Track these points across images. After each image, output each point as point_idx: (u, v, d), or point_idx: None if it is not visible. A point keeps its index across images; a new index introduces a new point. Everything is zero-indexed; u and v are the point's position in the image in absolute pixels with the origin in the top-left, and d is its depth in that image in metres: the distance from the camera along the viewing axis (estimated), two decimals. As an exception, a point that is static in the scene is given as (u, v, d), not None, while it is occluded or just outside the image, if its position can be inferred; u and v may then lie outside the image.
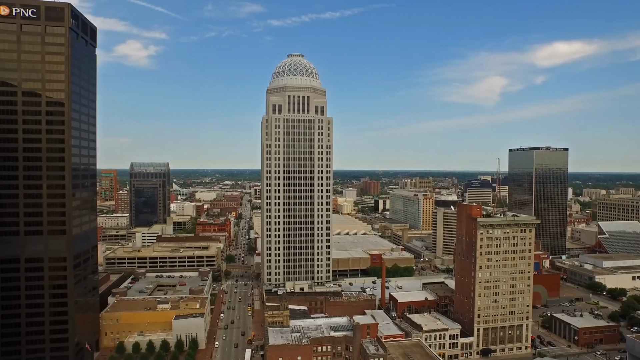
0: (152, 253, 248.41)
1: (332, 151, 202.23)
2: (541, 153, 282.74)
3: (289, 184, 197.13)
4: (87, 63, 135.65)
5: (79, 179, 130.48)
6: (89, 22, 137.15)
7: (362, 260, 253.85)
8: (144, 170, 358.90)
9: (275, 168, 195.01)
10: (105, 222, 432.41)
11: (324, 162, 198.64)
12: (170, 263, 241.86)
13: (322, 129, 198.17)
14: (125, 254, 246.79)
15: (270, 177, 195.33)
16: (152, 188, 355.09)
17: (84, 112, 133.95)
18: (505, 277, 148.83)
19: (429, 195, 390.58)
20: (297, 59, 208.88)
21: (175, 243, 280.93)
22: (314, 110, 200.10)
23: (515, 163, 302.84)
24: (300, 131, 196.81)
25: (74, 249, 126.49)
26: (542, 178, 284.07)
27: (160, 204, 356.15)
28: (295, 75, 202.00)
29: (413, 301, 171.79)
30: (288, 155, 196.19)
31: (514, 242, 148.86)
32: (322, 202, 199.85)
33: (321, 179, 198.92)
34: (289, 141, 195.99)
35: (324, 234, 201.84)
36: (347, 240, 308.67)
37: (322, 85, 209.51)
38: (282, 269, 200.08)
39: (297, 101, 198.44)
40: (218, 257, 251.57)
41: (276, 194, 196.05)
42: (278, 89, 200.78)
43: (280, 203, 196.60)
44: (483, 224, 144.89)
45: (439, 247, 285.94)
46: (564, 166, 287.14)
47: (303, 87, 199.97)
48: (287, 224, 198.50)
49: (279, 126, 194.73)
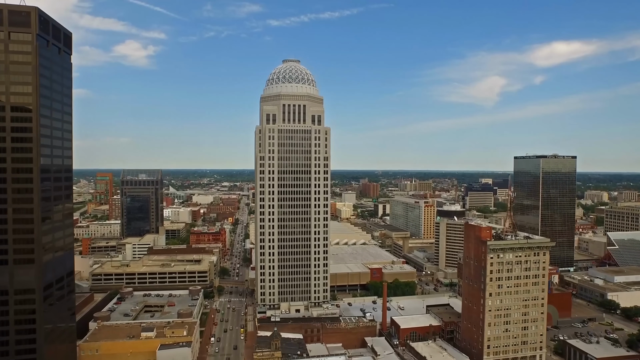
0: (142, 268, 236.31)
1: (330, 163, 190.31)
2: (548, 161, 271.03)
3: (284, 199, 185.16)
4: (60, 72, 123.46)
5: (51, 201, 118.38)
6: (62, 27, 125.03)
7: (361, 275, 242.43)
8: (136, 178, 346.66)
9: (269, 182, 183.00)
10: (97, 230, 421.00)
11: (321, 176, 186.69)
12: (160, 279, 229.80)
13: (319, 139, 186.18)
14: (113, 269, 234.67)
15: (264, 192, 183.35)
16: (144, 196, 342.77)
17: (56, 126, 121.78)
18: (517, 304, 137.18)
19: (430, 203, 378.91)
20: (293, 64, 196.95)
21: (167, 256, 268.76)
22: (311, 119, 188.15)
23: (521, 170, 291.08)
24: (295, 142, 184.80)
25: (45, 279, 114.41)
26: (549, 186, 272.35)
27: (152, 212, 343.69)
28: (291, 82, 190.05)
29: (416, 327, 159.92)
30: (283, 169, 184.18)
31: (527, 267, 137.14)
32: (319, 217, 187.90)
33: (318, 193, 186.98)
34: (283, 153, 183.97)
35: (321, 252, 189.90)
36: (345, 252, 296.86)
37: (319, 93, 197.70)
38: (277, 288, 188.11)
39: (293, 110, 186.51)
40: (211, 272, 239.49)
41: (270, 209, 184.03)
42: (272, 97, 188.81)
43: (274, 220, 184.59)
44: (494, 247, 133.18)
45: (442, 259, 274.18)
46: (571, 175, 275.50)
47: (299, 95, 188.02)
48: (281, 242, 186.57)
49: (273, 137, 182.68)
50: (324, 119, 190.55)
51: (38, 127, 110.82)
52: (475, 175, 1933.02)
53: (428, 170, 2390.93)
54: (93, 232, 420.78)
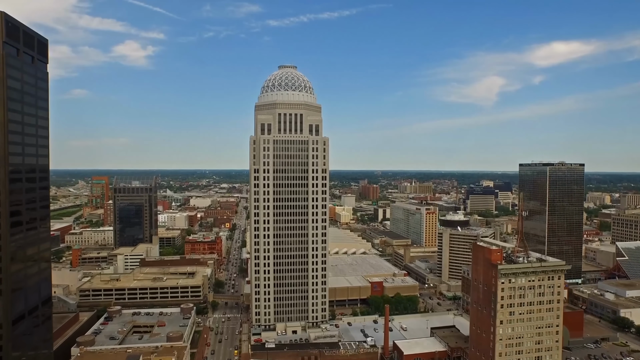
0: (132, 283, 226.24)
1: (328, 176, 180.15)
2: (555, 169, 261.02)
3: (280, 214, 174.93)
4: (33, 83, 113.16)
5: (22, 227, 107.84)
6: (36, 34, 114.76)
7: (361, 289, 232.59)
8: (129, 185, 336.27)
9: (264, 196, 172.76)
10: (90, 237, 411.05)
11: (319, 189, 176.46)
12: (152, 294, 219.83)
13: (316, 150, 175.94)
14: (102, 283, 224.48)
15: (259, 207, 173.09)
16: (137, 203, 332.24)
17: (29, 142, 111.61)
18: (530, 332, 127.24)
19: (431, 209, 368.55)
20: (289, 71, 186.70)
21: (159, 268, 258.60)
22: (308, 129, 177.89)
23: (526, 178, 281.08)
24: (292, 154, 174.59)
25: (14, 312, 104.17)
26: (555, 195, 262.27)
27: (146, 220, 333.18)
28: (287, 89, 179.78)
29: (421, 353, 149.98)
30: (278, 182, 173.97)
31: (540, 292, 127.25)
32: (316, 233, 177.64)
33: (316, 207, 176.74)
34: (279, 165, 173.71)
35: (319, 269, 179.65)
36: (345, 262, 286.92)
37: (317, 101, 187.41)
38: (273, 308, 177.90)
39: (289, 120, 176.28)
40: (204, 286, 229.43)
41: (265, 225, 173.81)
42: (267, 106, 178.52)
43: (269, 236, 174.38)
44: (505, 272, 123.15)
45: (445, 270, 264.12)
46: (579, 183, 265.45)
47: (295, 104, 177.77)
48: (277, 259, 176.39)
49: (267, 148, 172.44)
50: (322, 129, 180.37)
51: (6, 149, 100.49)
52: (475, 175, 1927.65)
53: (428, 171, 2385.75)
54: (86, 239, 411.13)
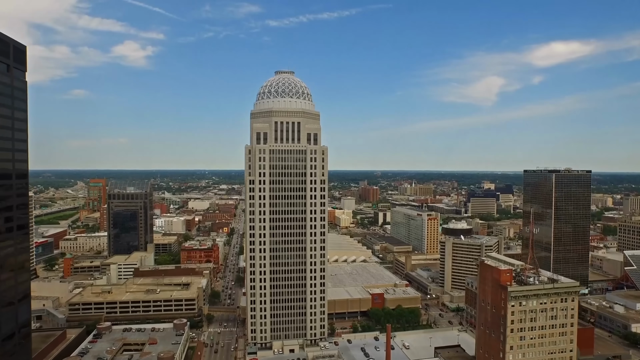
0: (124, 295, 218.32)
1: (327, 187, 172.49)
2: (561, 176, 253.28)
3: (276, 227, 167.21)
4: (8, 94, 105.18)
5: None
6: (12, 41, 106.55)
7: (362, 302, 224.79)
8: (124, 191, 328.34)
9: (260, 208, 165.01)
10: (85, 243, 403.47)
11: (317, 201, 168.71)
12: (144, 308, 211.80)
13: (315, 160, 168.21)
14: (93, 296, 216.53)
15: (254, 219, 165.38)
16: (132, 210, 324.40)
17: (5, 158, 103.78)
18: (542, 357, 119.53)
19: (433, 215, 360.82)
20: (286, 76, 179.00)
21: (153, 279, 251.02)
22: (306, 138, 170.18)
23: (531, 185, 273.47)
24: (289, 164, 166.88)
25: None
26: (561, 202, 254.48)
27: (141, 227, 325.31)
28: (284, 96, 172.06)
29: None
30: (275, 193, 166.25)
31: (553, 315, 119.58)
32: (315, 247, 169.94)
33: (314, 220, 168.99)
34: (275, 176, 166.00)
35: (318, 284, 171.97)
36: (344, 271, 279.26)
37: (315, 108, 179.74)
38: (269, 325, 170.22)
39: (286, 128, 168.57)
40: (199, 299, 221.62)
41: (261, 238, 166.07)
42: (263, 114, 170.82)
43: (265, 250, 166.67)
44: (516, 295, 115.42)
45: (448, 280, 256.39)
46: (586, 190, 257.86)
47: (293, 112, 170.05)
48: (274, 274, 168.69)
49: (263, 158, 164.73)
50: (320, 137, 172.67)
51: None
52: (475, 176, 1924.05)
53: (427, 171, 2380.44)
54: (81, 245, 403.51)
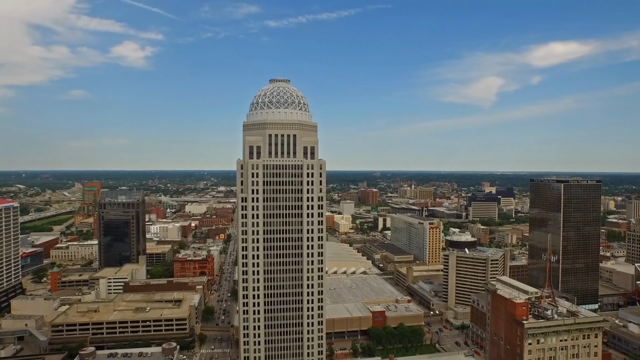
0: (112, 315, 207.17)
1: (324, 204, 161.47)
2: (570, 186, 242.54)
3: (271, 248, 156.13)
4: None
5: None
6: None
7: (362, 320, 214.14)
8: (115, 200, 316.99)
9: (253, 228, 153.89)
10: (76, 252, 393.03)
11: (314, 219, 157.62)
12: (133, 329, 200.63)
13: (311, 176, 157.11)
14: (78, 316, 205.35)
15: (247, 240, 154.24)
16: (124, 220, 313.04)
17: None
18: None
19: (435, 224, 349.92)
20: (282, 85, 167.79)
21: (144, 294, 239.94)
22: (302, 152, 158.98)
23: (538, 195, 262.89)
24: (284, 180, 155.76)
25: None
26: (570, 213, 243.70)
27: (133, 238, 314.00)
28: (279, 107, 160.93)
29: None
30: (269, 212, 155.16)
31: (574, 353, 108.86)
32: (312, 268, 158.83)
33: (311, 240, 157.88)
34: (270, 193, 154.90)
35: (316, 307, 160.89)
36: (344, 285, 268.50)
37: (312, 119, 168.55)
38: (264, 352, 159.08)
39: (281, 141, 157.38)
40: (191, 318, 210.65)
41: (254, 260, 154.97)
42: (256, 126, 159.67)
43: (259, 272, 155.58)
44: (533, 332, 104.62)
45: (451, 295, 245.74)
46: (596, 200, 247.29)
47: (288, 123, 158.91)
48: (268, 297, 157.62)
49: (257, 174, 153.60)
50: (317, 151, 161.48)
51: None
52: (474, 176, 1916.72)
53: (427, 171, 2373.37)
54: (73, 254, 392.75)
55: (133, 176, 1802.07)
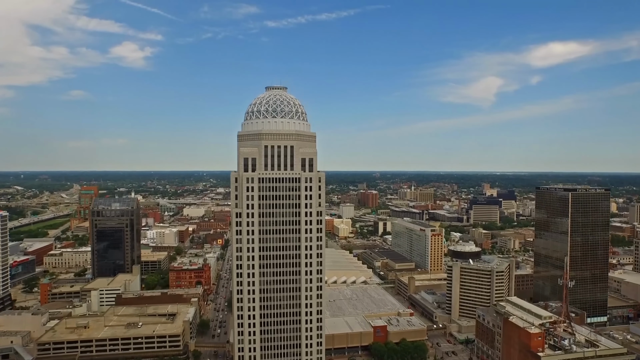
0: (102, 331, 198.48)
1: (324, 219, 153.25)
2: (578, 195, 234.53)
3: (267, 266, 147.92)
4: None
5: None
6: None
7: (363, 335, 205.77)
8: (108, 208, 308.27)
9: (248, 245, 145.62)
10: (70, 259, 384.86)
11: (313, 235, 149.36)
12: (124, 346, 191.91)
13: (310, 190, 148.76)
14: (67, 332, 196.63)
15: (242, 257, 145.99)
16: (117, 228, 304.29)
17: None
18: None
19: (437, 231, 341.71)
20: (278, 93, 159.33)
21: (137, 307, 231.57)
22: (300, 164, 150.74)
23: (545, 203, 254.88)
24: (281, 194, 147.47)
25: None
26: (578, 222, 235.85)
27: (127, 247, 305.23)
28: (275, 116, 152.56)
29: None
30: (265, 227, 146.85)
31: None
32: (311, 287, 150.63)
33: (310, 257, 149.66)
34: (266, 208, 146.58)
35: (315, 327, 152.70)
36: (344, 296, 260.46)
37: (311, 128, 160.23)
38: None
39: (277, 153, 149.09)
40: (185, 334, 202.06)
41: (250, 278, 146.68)
42: (251, 136, 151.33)
43: (255, 291, 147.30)
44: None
45: (455, 308, 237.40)
46: (605, 209, 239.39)
47: (285, 134, 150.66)
48: (265, 317, 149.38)
49: (252, 188, 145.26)
50: (316, 162, 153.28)
51: None
52: (474, 177, 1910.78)
53: (426, 172, 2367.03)
54: (66, 261, 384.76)
55: (132, 177, 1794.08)
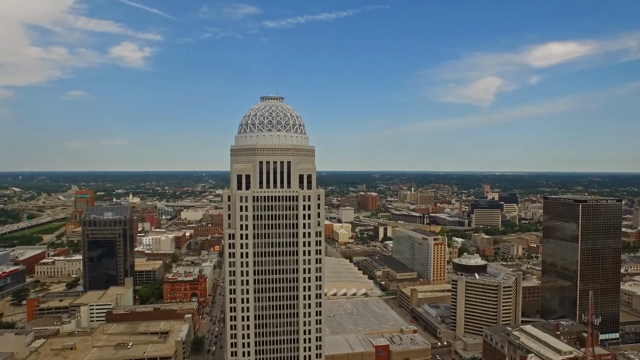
0: (90, 353, 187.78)
1: (324, 240, 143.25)
2: (588, 206, 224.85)
3: (263, 289, 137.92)
4: None
5: None
6: None
7: (364, 356, 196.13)
8: (101, 217, 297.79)
9: (242, 268, 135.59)
10: (63, 267, 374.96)
11: (312, 257, 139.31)
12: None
13: (308, 209, 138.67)
14: (51, 355, 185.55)
15: (235, 281, 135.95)
16: (110, 239, 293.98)
17: None
18: None
19: (440, 240, 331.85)
20: (274, 104, 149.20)
21: (128, 324, 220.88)
22: (298, 180, 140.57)
23: (553, 214, 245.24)
24: (277, 214, 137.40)
25: None
26: (589, 233, 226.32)
27: (120, 258, 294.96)
28: (271, 129, 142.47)
29: None
30: (260, 250, 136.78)
31: None
32: (309, 312, 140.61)
33: (308, 281, 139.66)
34: (261, 229, 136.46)
35: (313, 356, 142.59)
36: (344, 310, 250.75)
37: (309, 141, 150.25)
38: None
39: (273, 169, 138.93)
40: (178, 354, 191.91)
41: (244, 304, 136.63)
42: (245, 151, 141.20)
43: (249, 317, 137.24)
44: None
45: (460, 324, 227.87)
46: (616, 221, 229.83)
47: (282, 148, 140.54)
48: (260, 345, 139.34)
49: (246, 208, 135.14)
50: (315, 179, 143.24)
51: None
52: (474, 177, 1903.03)
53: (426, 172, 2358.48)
54: (58, 270, 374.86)
55: (131, 177, 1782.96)
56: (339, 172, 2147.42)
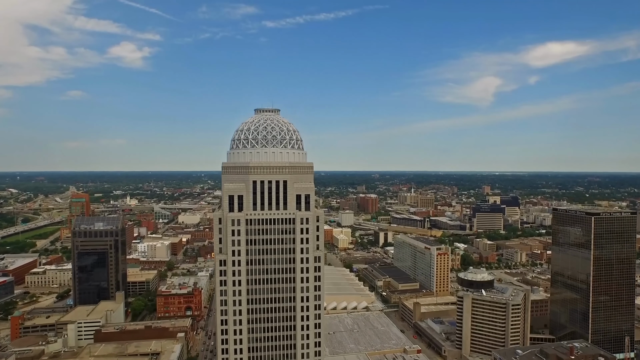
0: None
1: (323, 265, 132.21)
2: (601, 219, 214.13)
3: (257, 320, 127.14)
4: None
5: None
6: None
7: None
8: (92, 228, 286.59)
9: (234, 297, 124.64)
10: (54, 277, 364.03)
11: (310, 285, 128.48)
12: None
13: (307, 232, 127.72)
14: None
15: (227, 311, 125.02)
16: (101, 250, 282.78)
17: None
18: None
19: (443, 250, 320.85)
20: (269, 117, 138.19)
21: (117, 344, 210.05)
22: (295, 201, 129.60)
23: (563, 226, 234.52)
24: (272, 238, 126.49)
25: None
26: (601, 246, 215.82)
27: (111, 271, 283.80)
28: (265, 145, 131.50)
29: None
30: (254, 277, 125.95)
31: None
32: (307, 343, 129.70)
33: (307, 310, 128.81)
34: (254, 254, 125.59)
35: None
36: (344, 327, 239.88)
37: (307, 157, 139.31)
38: None
39: (268, 189, 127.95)
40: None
41: (236, 335, 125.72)
42: (237, 169, 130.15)
43: (243, 350, 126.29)
44: None
45: (466, 343, 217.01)
46: (631, 234, 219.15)
47: (277, 167, 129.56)
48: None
49: (238, 232, 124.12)
50: (313, 198, 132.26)
51: None
52: (473, 177, 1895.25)
53: (425, 172, 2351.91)
54: (50, 279, 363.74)
55: (129, 178, 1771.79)
56: (338, 172, 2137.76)
